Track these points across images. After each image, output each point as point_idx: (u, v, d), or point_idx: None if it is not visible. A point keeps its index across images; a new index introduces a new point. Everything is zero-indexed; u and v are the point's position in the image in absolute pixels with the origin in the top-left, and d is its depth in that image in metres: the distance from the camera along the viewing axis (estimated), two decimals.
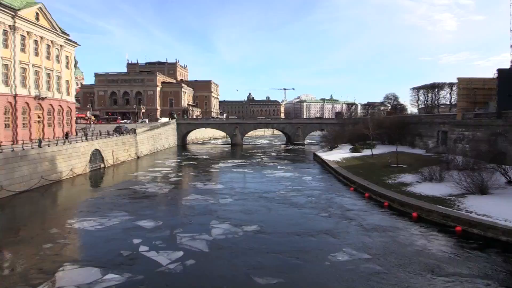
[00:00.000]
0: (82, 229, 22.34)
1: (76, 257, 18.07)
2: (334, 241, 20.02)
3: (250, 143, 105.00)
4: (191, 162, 58.20)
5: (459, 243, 19.29)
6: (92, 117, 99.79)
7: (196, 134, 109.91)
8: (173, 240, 19.59)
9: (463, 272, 15.85)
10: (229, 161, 59.54)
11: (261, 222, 23.40)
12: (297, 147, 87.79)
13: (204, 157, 67.70)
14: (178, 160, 60.80)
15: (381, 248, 18.83)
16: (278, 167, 51.51)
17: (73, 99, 57.65)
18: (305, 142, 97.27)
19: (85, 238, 20.93)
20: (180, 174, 46.56)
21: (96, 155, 47.79)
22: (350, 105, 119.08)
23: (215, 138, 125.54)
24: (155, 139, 74.65)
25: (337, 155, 52.85)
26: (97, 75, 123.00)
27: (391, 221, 23.61)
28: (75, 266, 16.40)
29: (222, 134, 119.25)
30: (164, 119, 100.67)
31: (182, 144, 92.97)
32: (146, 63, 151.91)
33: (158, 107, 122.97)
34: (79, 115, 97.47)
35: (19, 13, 42.51)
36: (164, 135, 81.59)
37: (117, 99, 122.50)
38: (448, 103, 72.43)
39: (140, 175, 44.15)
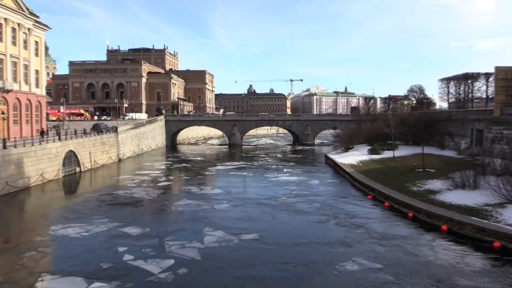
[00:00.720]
0: (61, 237, 22.93)
1: (56, 267, 18.60)
2: (345, 252, 20.16)
3: (251, 144, 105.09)
4: (183, 165, 59.11)
5: (496, 260, 19.08)
6: (86, 113, 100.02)
7: (187, 133, 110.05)
8: (161, 248, 20.80)
9: None
10: (226, 163, 60.39)
11: (261, 230, 24.07)
12: (306, 147, 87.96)
13: (198, 159, 68.19)
14: (168, 163, 61.44)
15: (398, 261, 18.90)
16: (284, 170, 52.26)
17: (44, 92, 57.75)
18: (315, 142, 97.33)
19: (65, 247, 21.55)
20: (171, 177, 47.61)
21: (71, 158, 47.80)
22: (368, 99, 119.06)
23: (210, 138, 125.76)
24: (140, 138, 74.78)
25: (353, 157, 52.84)
26: (71, 64, 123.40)
27: (414, 234, 23.48)
28: (55, 276, 16.79)
29: (218, 133, 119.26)
30: (139, 115, 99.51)
31: (172, 145, 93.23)
32: (130, 50, 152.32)
33: (144, 101, 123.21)
34: (73, 111, 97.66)
35: None
36: (150, 134, 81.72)
37: (96, 92, 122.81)
38: (484, 96, 72.14)
39: (124, 179, 44.77)
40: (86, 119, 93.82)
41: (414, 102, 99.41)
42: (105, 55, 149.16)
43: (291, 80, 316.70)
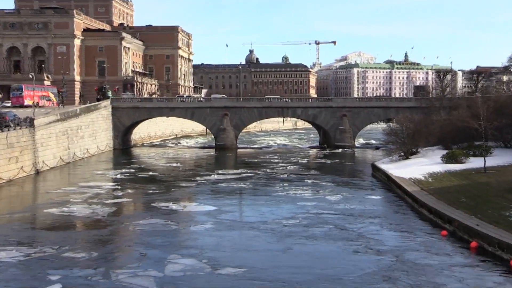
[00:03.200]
0: None
1: None
2: None
3: (252, 146, 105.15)
4: (144, 175, 61.77)
5: None
6: (53, 96, 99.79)
7: (149, 128, 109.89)
8: (106, 277, 24.70)
9: None
10: (213, 173, 62.00)
11: (252, 261, 26.53)
12: (341, 151, 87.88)
13: (165, 166, 69.68)
14: (118, 174, 62.31)
15: None
16: (301, 183, 53.83)
17: None
18: (356, 144, 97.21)
19: None
20: (128, 192, 50.37)
21: None
22: (442, 73, 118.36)
23: (186, 136, 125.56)
24: (71, 137, 74.56)
25: (418, 167, 52.59)
26: None
27: None
28: None
29: (199, 127, 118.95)
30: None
31: (123, 147, 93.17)
32: None
33: (77, 77, 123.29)
34: (42, 93, 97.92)
35: None
36: (88, 131, 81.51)
37: None
38: None
39: (56, 196, 47.57)
40: (53, 104, 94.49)
41: None
42: (12, 1, 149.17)
43: (317, 43, 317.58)
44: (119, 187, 52.82)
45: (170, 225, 35.76)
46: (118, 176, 60.60)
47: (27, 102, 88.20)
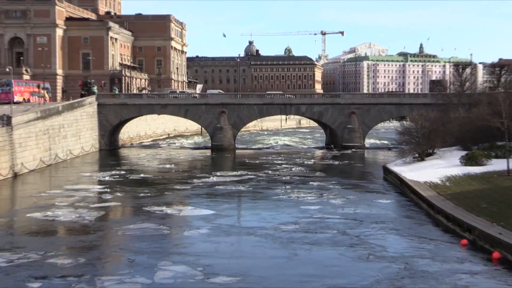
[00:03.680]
0: None
1: None
2: None
3: (252, 147, 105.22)
4: (135, 177, 62.12)
5: None
6: (45, 92, 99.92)
7: (139, 127, 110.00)
8: (91, 284, 25.35)
9: None
10: (210, 175, 62.26)
11: (249, 269, 26.95)
12: (349, 152, 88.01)
13: (157, 168, 70.12)
14: (106, 177, 62.47)
15: None
16: (305, 187, 53.89)
17: None
18: (366, 144, 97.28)
19: None
20: (119, 194, 51.18)
21: None
22: (461, 66, 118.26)
23: (180, 135, 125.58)
24: (53, 137, 74.37)
25: (434, 170, 52.50)
26: None
27: None
28: None
29: (193, 126, 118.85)
30: None
31: (110, 148, 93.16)
32: None
33: (59, 70, 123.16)
34: (33, 89, 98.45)
35: None
36: (71, 130, 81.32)
37: None
38: None
39: (39, 199, 47.99)
40: (45, 101, 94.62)
41: None
42: None
43: (323, 34, 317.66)
44: (108, 190, 53.20)
45: (162, 230, 36.61)
46: (107, 178, 60.94)
47: (17, 98, 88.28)
